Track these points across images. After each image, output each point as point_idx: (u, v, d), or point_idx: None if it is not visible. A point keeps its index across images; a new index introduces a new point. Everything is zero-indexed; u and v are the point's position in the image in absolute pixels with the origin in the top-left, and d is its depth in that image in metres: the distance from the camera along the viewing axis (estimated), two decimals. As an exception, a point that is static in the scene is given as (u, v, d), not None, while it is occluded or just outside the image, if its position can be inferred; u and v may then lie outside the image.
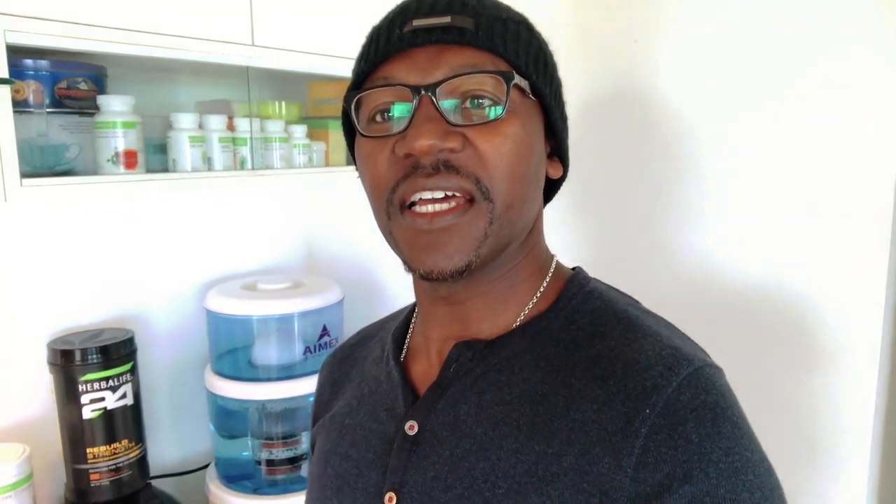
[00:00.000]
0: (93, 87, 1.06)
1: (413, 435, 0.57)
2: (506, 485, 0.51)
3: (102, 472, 1.09)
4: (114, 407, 1.09)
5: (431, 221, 0.52)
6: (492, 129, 0.51)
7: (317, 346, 1.29)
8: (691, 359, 0.51)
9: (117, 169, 1.04)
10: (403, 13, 0.53)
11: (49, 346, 1.08)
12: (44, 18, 0.87)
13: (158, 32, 0.98)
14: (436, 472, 0.54)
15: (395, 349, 0.65)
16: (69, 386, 1.06)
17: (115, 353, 1.09)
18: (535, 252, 0.60)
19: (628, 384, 0.50)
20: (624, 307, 0.58)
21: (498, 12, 0.54)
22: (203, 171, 1.15)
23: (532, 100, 0.55)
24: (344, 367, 0.73)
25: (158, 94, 1.26)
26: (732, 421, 0.49)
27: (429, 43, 0.52)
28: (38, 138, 1.01)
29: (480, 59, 0.52)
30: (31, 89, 0.99)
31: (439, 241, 0.52)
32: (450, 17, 0.51)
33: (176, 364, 1.34)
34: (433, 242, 0.52)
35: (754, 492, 0.47)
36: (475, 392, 0.56)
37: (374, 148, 0.54)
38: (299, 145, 1.31)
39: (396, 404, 0.61)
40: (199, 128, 1.15)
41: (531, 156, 0.54)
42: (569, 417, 0.51)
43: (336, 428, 0.66)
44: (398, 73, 0.52)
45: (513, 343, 0.57)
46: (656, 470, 0.47)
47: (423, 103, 0.51)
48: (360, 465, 0.60)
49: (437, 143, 0.50)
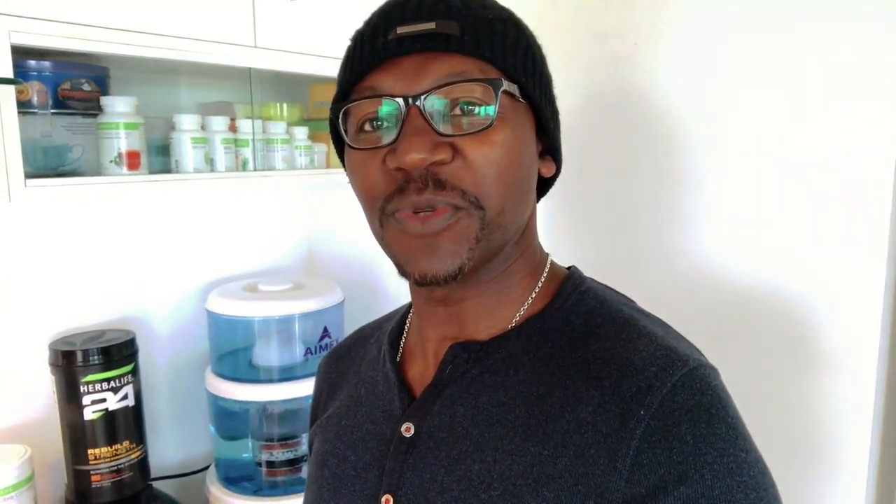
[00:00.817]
0: (96, 89, 1.06)
1: (409, 437, 0.57)
2: (501, 486, 0.51)
3: (103, 474, 1.09)
4: (115, 408, 1.09)
5: (423, 225, 0.51)
6: (481, 137, 0.51)
7: (317, 348, 1.29)
8: (686, 359, 0.51)
9: (120, 170, 1.04)
10: (387, 19, 0.52)
11: (51, 346, 1.08)
12: (47, 19, 0.88)
13: (161, 34, 0.98)
14: (432, 474, 0.54)
15: (391, 350, 0.65)
16: (70, 387, 1.06)
17: (116, 355, 1.09)
18: (530, 252, 0.60)
19: (623, 385, 0.50)
20: (619, 307, 0.58)
21: (484, 12, 0.53)
22: (205, 172, 1.15)
23: (522, 102, 0.54)
24: (341, 367, 0.73)
25: (161, 96, 1.26)
26: (727, 422, 0.49)
27: (414, 51, 0.51)
28: (41, 139, 1.02)
29: (468, 66, 0.51)
30: (34, 90, 1.00)
31: (432, 245, 0.52)
32: (434, 22, 0.50)
33: (177, 365, 1.34)
34: (426, 247, 0.52)
35: (749, 493, 0.47)
36: (471, 394, 0.56)
37: (364, 159, 0.53)
38: (301, 147, 1.31)
39: (393, 406, 0.61)
40: (202, 129, 1.16)
41: (522, 160, 0.54)
42: (564, 419, 0.51)
43: (333, 429, 0.66)
44: (384, 83, 0.52)
45: (508, 344, 0.57)
46: (651, 471, 0.47)
47: (412, 114, 0.50)
48: (357, 466, 0.60)
49: (428, 157, 0.49)
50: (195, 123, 1.14)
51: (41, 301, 1.14)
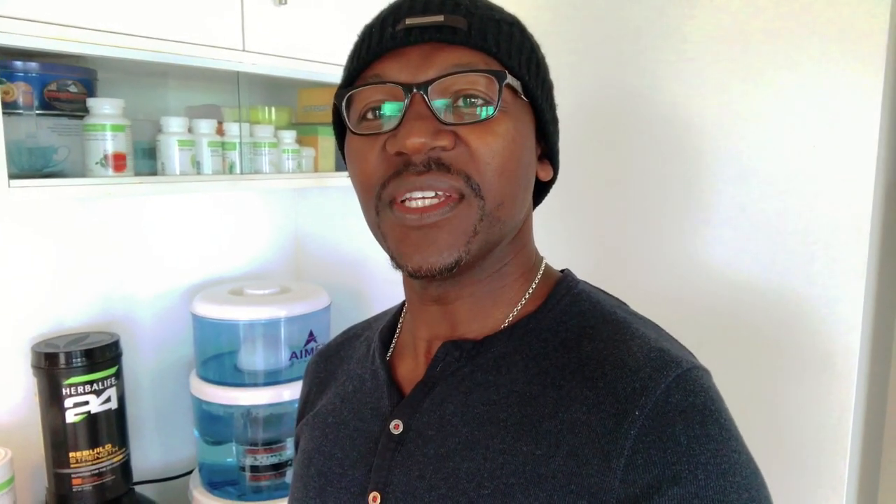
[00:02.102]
0: (82, 90, 1.06)
1: (398, 434, 0.57)
2: (492, 485, 0.51)
3: (85, 477, 1.08)
4: (98, 411, 1.08)
5: (421, 216, 0.52)
6: (483, 127, 0.52)
7: (303, 352, 1.29)
8: (679, 361, 0.51)
9: (106, 171, 1.04)
10: (396, 12, 0.54)
11: (33, 349, 1.07)
12: (34, 20, 0.88)
13: (149, 36, 0.98)
14: (420, 472, 0.54)
15: (381, 347, 0.65)
16: (53, 389, 1.05)
17: (99, 357, 1.08)
18: (525, 253, 0.60)
19: (617, 386, 0.50)
20: (612, 309, 0.58)
21: (491, 13, 0.54)
22: (192, 175, 1.15)
23: (524, 100, 0.55)
24: (329, 365, 0.72)
25: (148, 98, 1.26)
26: (720, 423, 0.49)
27: (421, 42, 0.52)
28: (26, 140, 1.01)
29: (473, 59, 0.52)
30: (20, 91, 0.99)
31: (429, 237, 0.52)
32: (443, 16, 0.52)
33: (161, 368, 1.34)
34: (423, 238, 0.52)
35: (742, 493, 0.47)
36: (462, 391, 0.56)
37: (364, 145, 0.54)
38: (288, 150, 1.31)
39: (381, 403, 0.61)
40: (189, 132, 1.16)
41: (522, 155, 0.55)
42: (557, 419, 0.51)
43: (320, 426, 0.65)
44: (390, 71, 0.53)
45: (501, 343, 0.57)
46: (645, 472, 0.47)
47: (415, 101, 0.51)
48: (344, 464, 0.60)
49: (429, 142, 0.50)
50: (182, 126, 1.14)
51: (25, 303, 1.13)
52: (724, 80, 1.03)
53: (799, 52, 0.96)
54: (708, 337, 1.05)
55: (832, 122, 0.95)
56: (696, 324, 1.06)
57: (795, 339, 1.00)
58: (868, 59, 0.92)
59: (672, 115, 1.08)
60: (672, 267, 1.10)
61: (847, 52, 0.93)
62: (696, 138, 1.06)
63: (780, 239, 1.00)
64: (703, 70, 1.05)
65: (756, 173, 1.01)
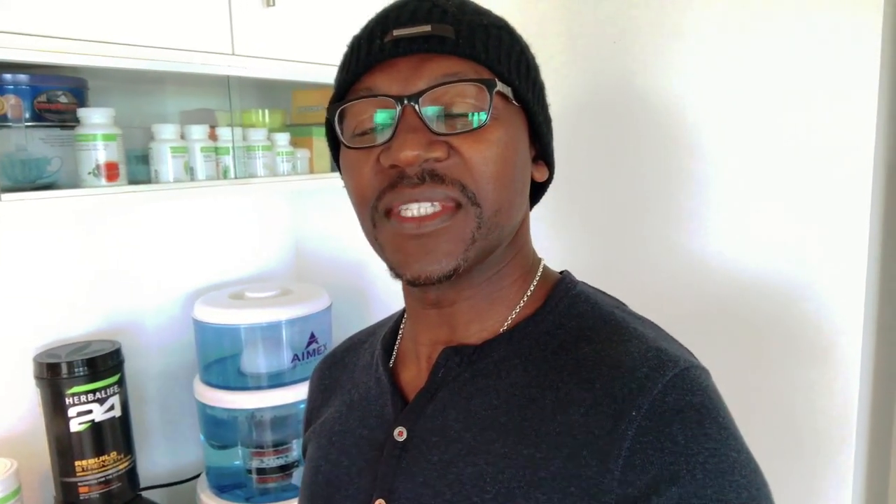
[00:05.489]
0: (73, 100, 1.05)
1: (402, 441, 0.57)
2: (494, 489, 0.51)
3: (91, 485, 1.09)
4: (101, 419, 1.09)
5: (419, 226, 0.52)
6: (476, 136, 0.52)
7: (305, 354, 1.29)
8: (676, 360, 0.51)
9: (99, 181, 1.03)
10: (383, 22, 0.54)
11: (35, 359, 1.08)
12: (23, 33, 0.87)
13: (138, 44, 0.98)
14: (425, 478, 0.55)
15: (383, 355, 0.65)
16: (56, 399, 1.06)
17: (101, 366, 1.09)
18: (522, 255, 0.61)
19: (614, 387, 0.50)
20: (610, 310, 0.58)
21: (479, 18, 0.54)
22: (185, 181, 1.14)
23: (515, 105, 0.55)
24: (334, 372, 0.73)
25: (140, 105, 1.25)
26: (718, 422, 0.49)
27: (410, 53, 0.52)
28: (17, 152, 1.01)
29: (462, 68, 0.52)
30: (9, 104, 0.99)
31: (427, 245, 0.52)
32: (430, 25, 0.51)
33: (164, 374, 1.34)
34: (420, 247, 0.52)
35: (741, 492, 0.47)
36: (463, 397, 0.56)
37: (358, 158, 0.54)
38: (283, 153, 1.31)
39: (385, 410, 0.61)
40: (181, 138, 1.15)
41: (516, 160, 0.55)
42: (556, 421, 0.51)
43: (326, 435, 0.66)
44: (380, 83, 0.53)
45: (500, 348, 0.57)
46: (643, 472, 0.47)
47: (407, 113, 0.51)
48: (350, 471, 0.61)
49: (422, 154, 0.50)
50: (174, 132, 1.14)
51: (25, 314, 1.13)
52: (720, 76, 1.02)
53: (794, 43, 0.96)
54: (708, 333, 1.05)
55: (831, 116, 0.94)
56: (695, 320, 1.05)
57: (796, 330, 1.00)
58: (863, 55, 0.91)
59: (668, 112, 1.08)
60: (671, 263, 1.10)
61: (842, 51, 0.92)
62: (693, 134, 1.06)
63: (781, 230, 1.00)
64: (698, 66, 1.04)
65: (753, 168, 1.01)
